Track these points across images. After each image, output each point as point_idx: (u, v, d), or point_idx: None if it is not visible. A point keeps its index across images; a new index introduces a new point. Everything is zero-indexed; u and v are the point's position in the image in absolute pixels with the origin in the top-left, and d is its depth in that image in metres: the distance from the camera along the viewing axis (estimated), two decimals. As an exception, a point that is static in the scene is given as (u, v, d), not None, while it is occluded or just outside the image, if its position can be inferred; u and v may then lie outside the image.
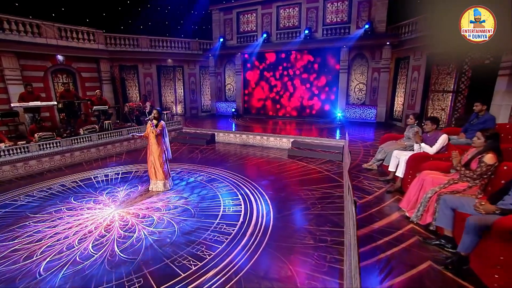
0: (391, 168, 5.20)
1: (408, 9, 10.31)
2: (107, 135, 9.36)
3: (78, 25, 11.24)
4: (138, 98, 13.37)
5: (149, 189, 6.43)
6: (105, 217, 5.11)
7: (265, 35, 13.45)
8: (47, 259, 3.88)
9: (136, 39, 13.56)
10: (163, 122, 6.19)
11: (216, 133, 11.51)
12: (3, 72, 9.59)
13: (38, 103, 8.73)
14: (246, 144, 10.87)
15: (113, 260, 3.85)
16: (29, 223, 4.91)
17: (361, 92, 12.46)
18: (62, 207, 5.54)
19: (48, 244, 4.23)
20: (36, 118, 8.60)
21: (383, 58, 11.49)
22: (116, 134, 9.63)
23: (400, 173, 4.73)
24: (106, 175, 7.44)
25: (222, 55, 14.88)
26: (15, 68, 9.75)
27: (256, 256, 3.92)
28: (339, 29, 12.30)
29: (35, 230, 4.66)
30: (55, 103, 9.26)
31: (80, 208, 5.52)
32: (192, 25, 16.76)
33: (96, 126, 9.62)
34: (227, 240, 4.31)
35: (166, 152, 6.31)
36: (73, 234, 4.51)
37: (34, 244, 4.25)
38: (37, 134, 8.18)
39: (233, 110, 14.72)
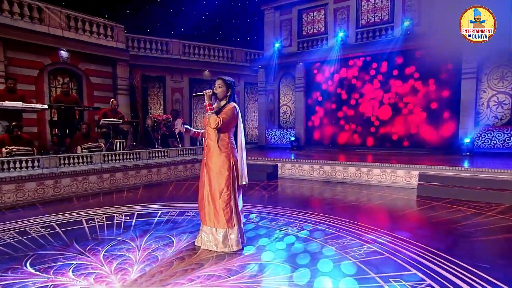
0: None
1: None
2: (117, 157, 6.73)
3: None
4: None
5: (195, 243, 3.48)
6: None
7: (342, 33, 11.22)
8: None
9: (165, 43, 11.94)
10: (235, 105, 3.38)
11: (280, 164, 8.61)
12: (-19, 65, 7.64)
13: (18, 103, 6.40)
14: (331, 181, 7.97)
15: None
16: None
17: (502, 107, 9.34)
18: (-3, 284, 2.58)
19: None
20: (9, 127, 6.19)
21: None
22: (131, 156, 6.98)
23: None
24: (110, 218, 4.56)
25: (276, 66, 12.76)
26: (-2, 61, 7.82)
27: None
28: (456, 19, 9.78)
29: None
30: (46, 106, 6.93)
31: (38, 288, 2.53)
32: (234, 37, 15.17)
33: (102, 144, 7.10)
34: None
35: (234, 167, 3.36)
36: None
37: None
38: (7, 148, 5.68)
39: (292, 139, 11.99)
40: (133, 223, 4.32)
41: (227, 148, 3.34)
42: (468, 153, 9.19)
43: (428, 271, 2.89)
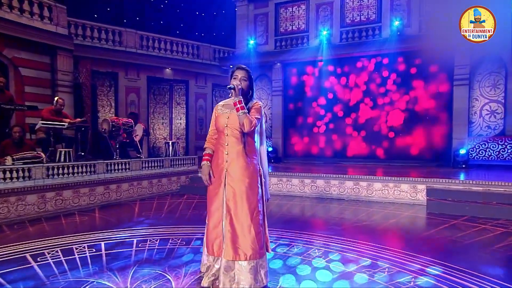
0: None
1: None
2: (65, 170, 5.82)
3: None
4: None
5: (202, 284, 2.90)
6: None
7: (326, 31, 11.25)
8: None
9: (118, 32, 11.19)
10: (261, 104, 3.03)
11: (264, 179, 8.15)
12: None
13: None
14: (325, 197, 7.81)
15: None
16: None
17: (495, 116, 9.84)
18: None
19: None
20: None
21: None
22: (84, 170, 6.10)
23: None
24: (68, 251, 3.75)
25: (250, 66, 12.39)
26: None
27: None
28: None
29: None
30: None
31: None
32: (198, 31, 14.67)
33: (42, 154, 6.14)
34: None
35: (263, 179, 2.99)
36: None
37: None
38: None
39: (270, 149, 11.68)
40: (104, 256, 3.56)
41: (255, 156, 2.91)
42: (463, 166, 9.47)
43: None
